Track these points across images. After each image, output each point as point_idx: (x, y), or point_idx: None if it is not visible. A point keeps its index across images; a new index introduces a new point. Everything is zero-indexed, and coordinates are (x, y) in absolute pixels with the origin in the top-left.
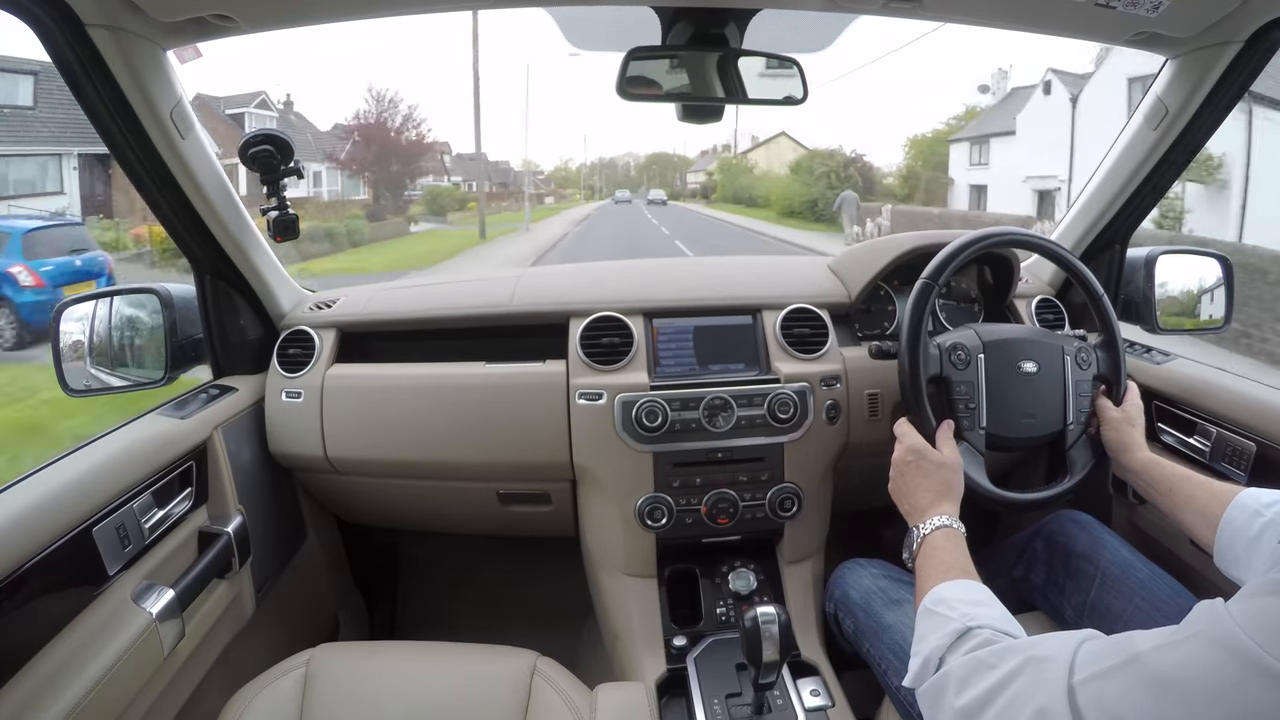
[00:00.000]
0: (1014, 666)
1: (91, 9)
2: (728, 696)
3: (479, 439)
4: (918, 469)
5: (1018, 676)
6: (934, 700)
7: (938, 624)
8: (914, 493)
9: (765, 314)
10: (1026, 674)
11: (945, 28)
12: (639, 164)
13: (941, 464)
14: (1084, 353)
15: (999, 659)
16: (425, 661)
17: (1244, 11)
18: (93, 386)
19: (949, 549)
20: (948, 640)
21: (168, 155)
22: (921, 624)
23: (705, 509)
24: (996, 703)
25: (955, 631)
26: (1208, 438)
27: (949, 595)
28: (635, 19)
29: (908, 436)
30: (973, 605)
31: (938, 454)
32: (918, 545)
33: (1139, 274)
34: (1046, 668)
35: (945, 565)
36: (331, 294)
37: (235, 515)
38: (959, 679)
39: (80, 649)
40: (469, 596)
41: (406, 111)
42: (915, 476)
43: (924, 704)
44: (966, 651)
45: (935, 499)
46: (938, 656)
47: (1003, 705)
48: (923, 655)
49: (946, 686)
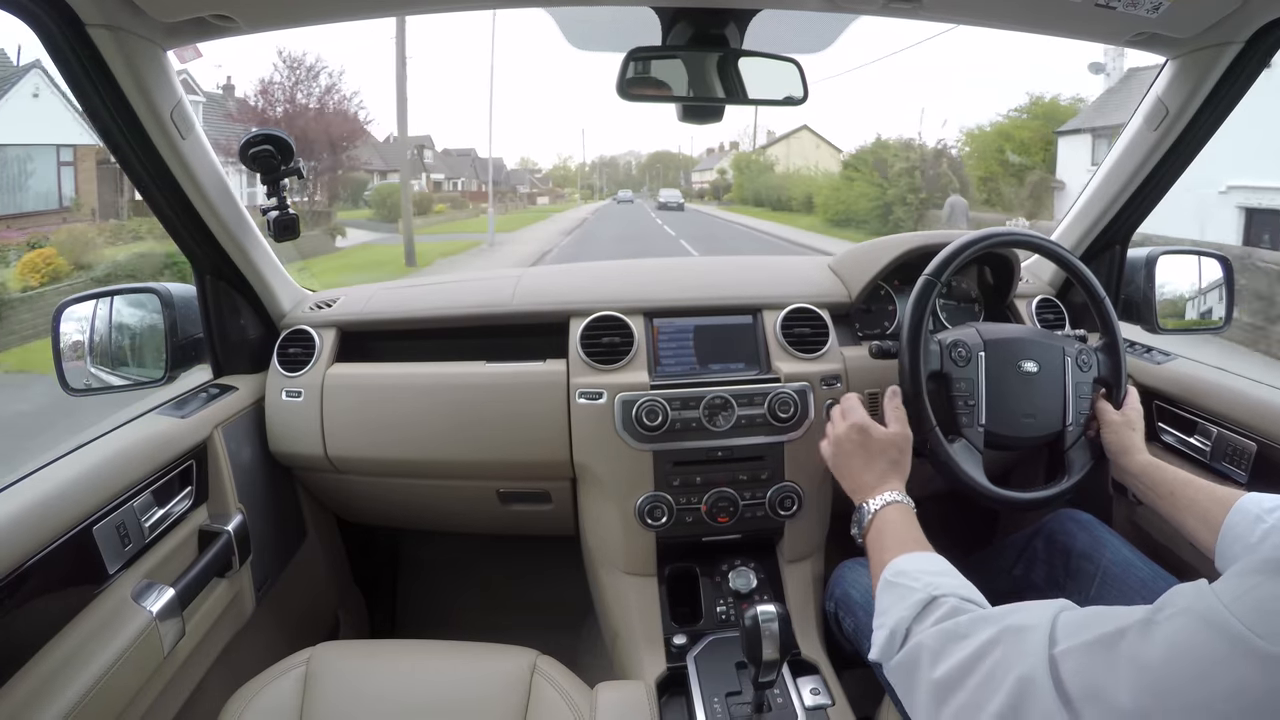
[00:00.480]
0: (990, 636)
1: (91, 9)
2: (728, 695)
3: (479, 438)
4: (863, 447)
5: (995, 646)
6: (907, 674)
7: (900, 595)
8: (860, 471)
9: (765, 313)
10: (1004, 643)
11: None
12: (641, 163)
13: (890, 441)
14: (1085, 355)
15: (972, 629)
16: (425, 660)
17: (1244, 12)
18: (93, 386)
19: (902, 523)
20: (913, 611)
21: (168, 155)
22: (883, 598)
23: (705, 508)
24: (975, 673)
25: (920, 602)
26: (1208, 437)
27: (908, 567)
28: (635, 19)
29: (853, 412)
30: (934, 575)
31: (884, 430)
32: (868, 522)
33: (1139, 274)
34: (1025, 637)
35: (900, 539)
36: (332, 293)
37: (235, 514)
38: (932, 651)
39: (80, 648)
40: (469, 595)
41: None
42: (860, 454)
43: (896, 678)
44: (934, 622)
45: (882, 476)
46: (904, 628)
47: (983, 675)
48: (888, 628)
49: (920, 659)
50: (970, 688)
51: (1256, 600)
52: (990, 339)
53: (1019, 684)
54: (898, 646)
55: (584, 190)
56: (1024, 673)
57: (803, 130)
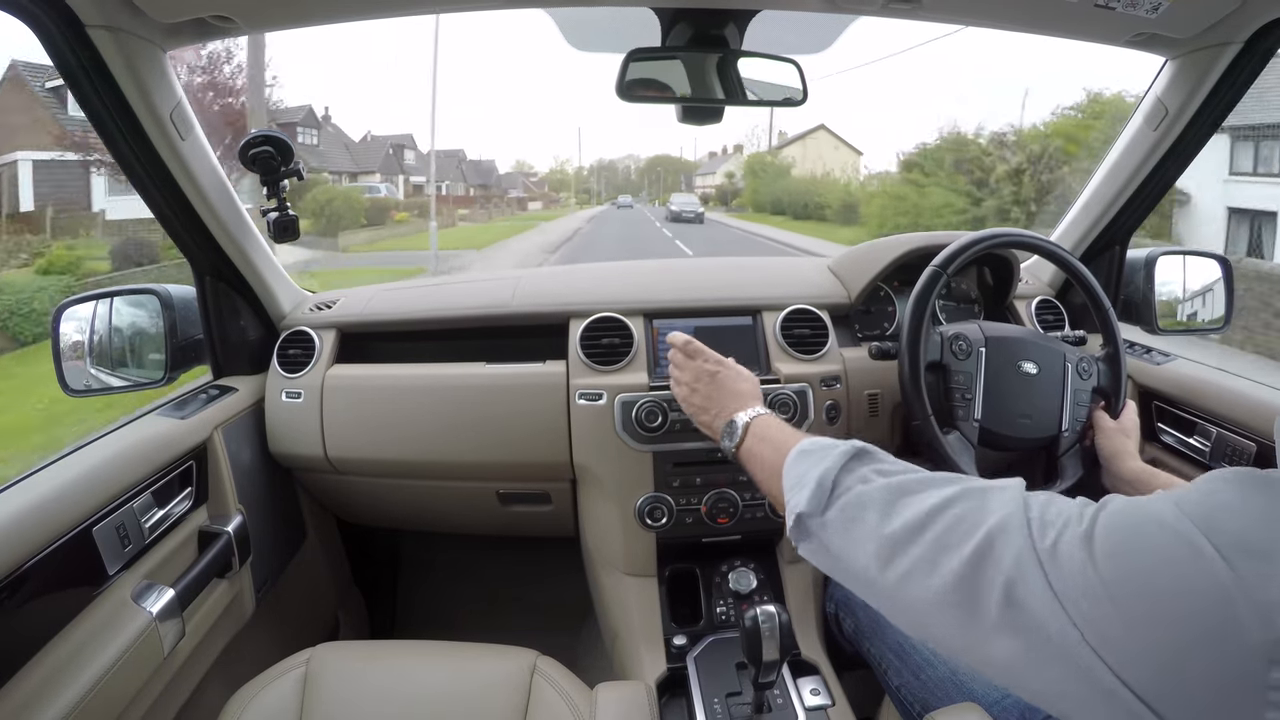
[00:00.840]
0: (953, 492)
1: (91, 10)
2: (728, 696)
3: (479, 439)
4: (723, 377)
5: (959, 501)
6: (847, 530)
7: (819, 456)
8: (719, 398)
9: (765, 315)
10: (969, 500)
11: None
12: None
13: (744, 372)
14: (1085, 363)
15: (924, 486)
16: (425, 661)
17: (1243, 12)
18: (93, 387)
19: (786, 427)
20: (839, 461)
21: (168, 156)
22: (797, 465)
23: (705, 508)
24: (937, 524)
25: (845, 453)
26: (1207, 438)
27: (824, 440)
28: (635, 20)
29: (707, 352)
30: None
31: (740, 366)
32: (742, 430)
33: (1139, 274)
34: (994, 495)
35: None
36: (332, 294)
37: (235, 515)
38: (882, 504)
39: (80, 649)
40: (469, 596)
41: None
42: (721, 384)
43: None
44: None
45: (744, 399)
46: (830, 478)
47: (945, 526)
48: (813, 481)
49: (864, 513)
50: (926, 542)
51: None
52: (991, 336)
53: (991, 533)
54: (826, 497)
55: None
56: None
57: (819, 130)
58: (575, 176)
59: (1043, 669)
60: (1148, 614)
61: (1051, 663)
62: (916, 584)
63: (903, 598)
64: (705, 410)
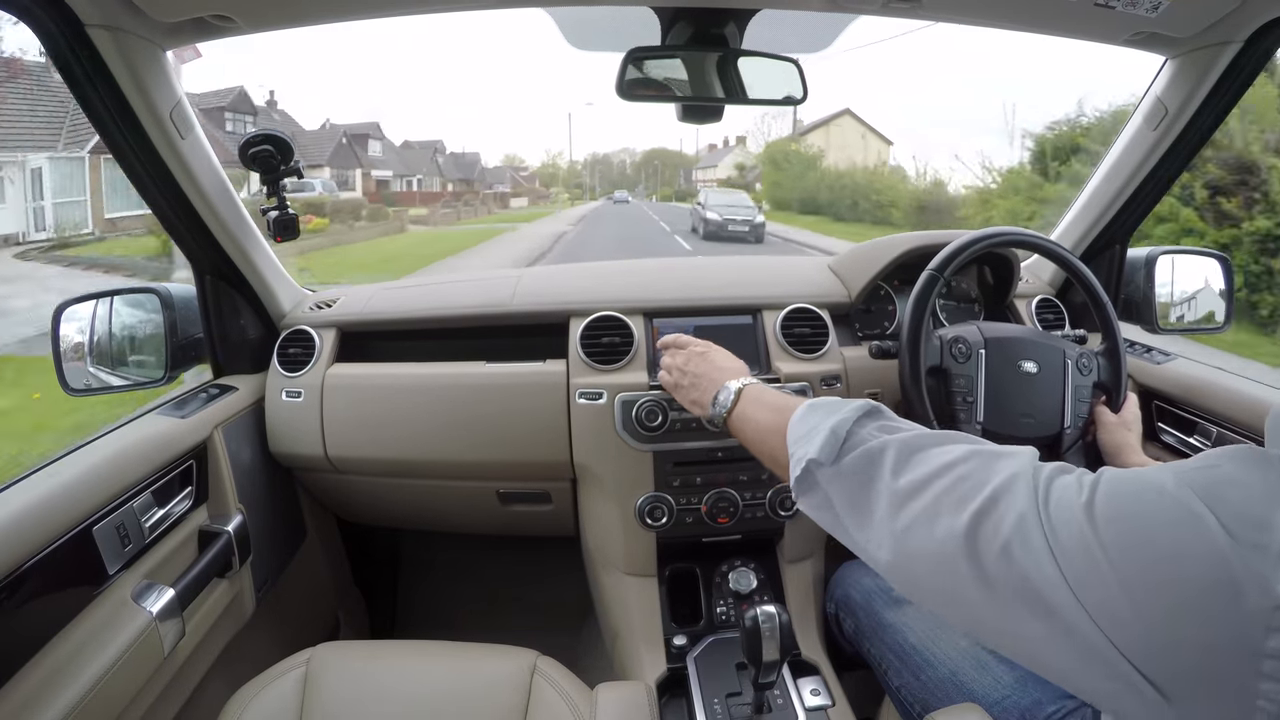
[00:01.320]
0: (964, 451)
1: (91, 9)
2: (728, 696)
3: (479, 438)
4: (709, 355)
5: (969, 460)
6: (862, 479)
7: (831, 409)
8: (708, 373)
9: (765, 314)
10: (979, 460)
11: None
12: (635, 161)
13: (728, 353)
14: (1085, 358)
15: (938, 442)
16: (425, 660)
17: (1243, 11)
18: (93, 386)
19: (779, 392)
20: (854, 414)
21: (167, 155)
22: (807, 419)
23: (705, 508)
24: (946, 479)
25: (859, 408)
26: (1208, 437)
27: (830, 398)
28: (635, 19)
29: (694, 341)
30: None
31: (723, 349)
32: (735, 395)
33: (1139, 274)
34: (1003, 459)
35: (792, 397)
36: (331, 294)
37: (235, 514)
38: (895, 460)
39: (80, 648)
40: (469, 596)
41: None
42: (706, 361)
43: (845, 483)
44: (880, 429)
45: (735, 373)
46: (845, 429)
47: (954, 479)
48: (827, 429)
49: (881, 464)
50: (937, 492)
51: (1212, 478)
52: (991, 337)
53: (997, 491)
54: (839, 447)
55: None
56: (1002, 482)
57: (844, 116)
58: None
59: (1033, 627)
60: (1144, 577)
61: (1042, 621)
62: (919, 535)
63: (904, 549)
64: (695, 387)
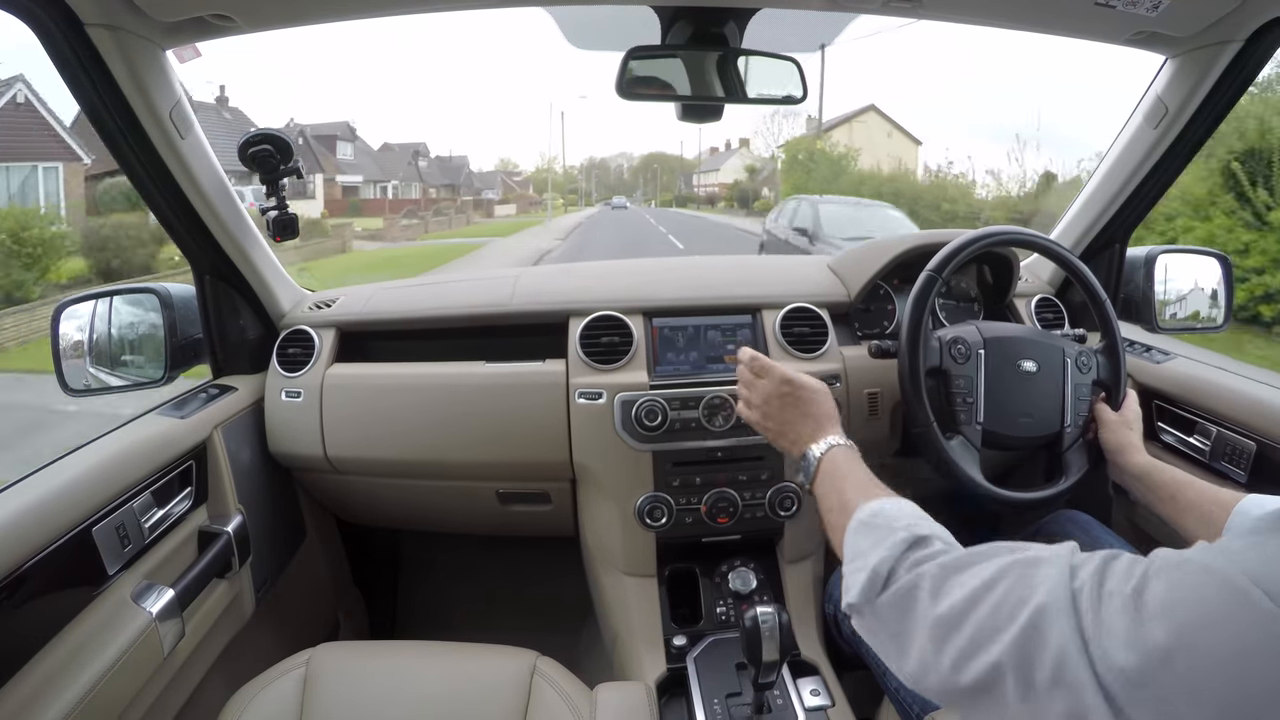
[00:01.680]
0: (999, 567)
1: (91, 9)
2: (728, 696)
3: (479, 438)
4: (795, 399)
5: (1005, 577)
6: (901, 613)
7: (880, 536)
8: (794, 423)
9: (765, 313)
10: (1015, 574)
11: None
12: (633, 165)
13: (816, 389)
14: (1084, 356)
15: (974, 561)
16: (425, 661)
17: (1244, 10)
18: (92, 386)
19: (854, 465)
20: (897, 550)
21: (167, 155)
22: (857, 540)
23: (705, 508)
24: (983, 605)
25: (904, 540)
26: (1208, 437)
27: (887, 508)
28: (635, 18)
29: (775, 370)
30: (915, 518)
31: (811, 380)
32: (815, 467)
33: (1139, 273)
34: (1040, 569)
35: (861, 482)
36: (331, 294)
37: (235, 515)
38: (933, 583)
39: (80, 649)
40: (469, 596)
41: None
42: (794, 406)
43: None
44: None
45: (819, 424)
46: (887, 568)
47: (991, 607)
48: (869, 569)
49: (917, 594)
50: (976, 621)
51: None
52: (990, 337)
53: (1035, 614)
54: (880, 587)
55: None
56: (1041, 602)
57: (869, 112)
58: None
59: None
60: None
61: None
62: (963, 670)
63: (950, 686)
64: (782, 435)
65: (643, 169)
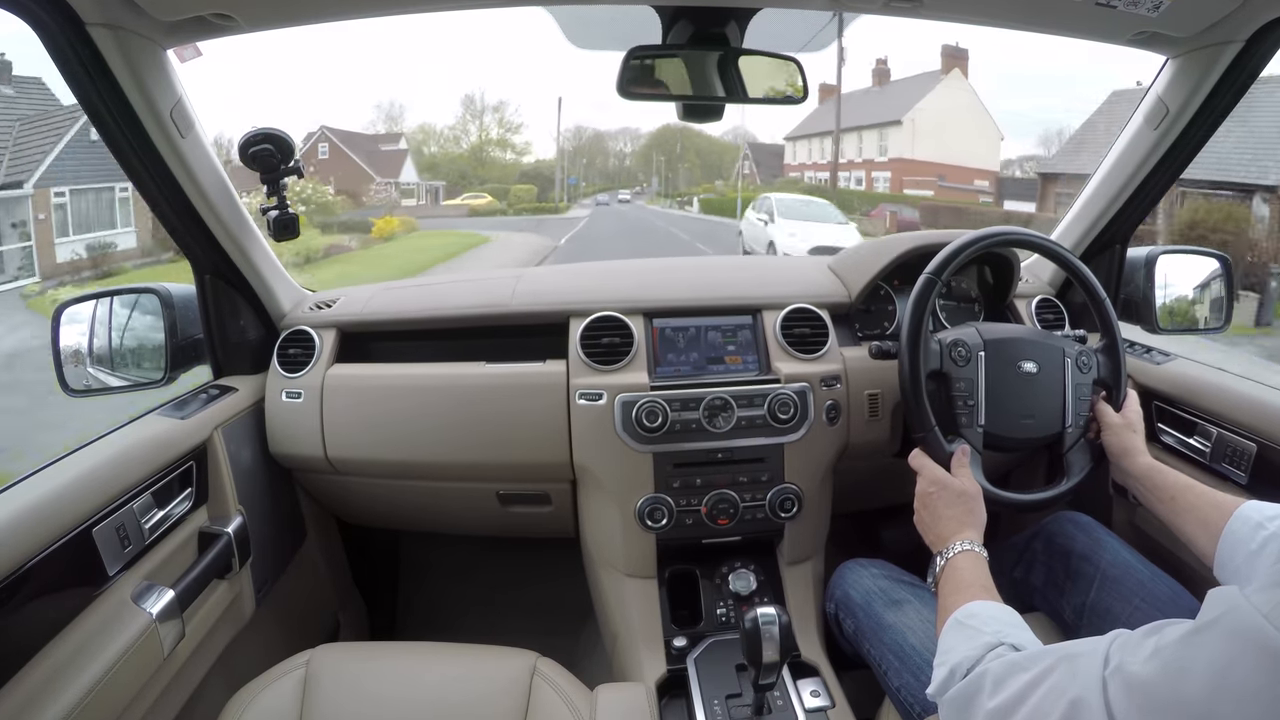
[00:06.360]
0: (1048, 665)
1: (92, 8)
2: (728, 697)
3: (479, 439)
4: (940, 499)
5: (1051, 673)
6: (964, 705)
7: (968, 636)
8: (937, 522)
9: (765, 314)
10: (1060, 670)
11: None
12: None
13: (962, 492)
14: (1084, 356)
15: (1033, 661)
16: (425, 662)
17: (1244, 11)
18: (92, 387)
19: (973, 570)
20: (979, 653)
21: (168, 155)
22: (950, 636)
23: (705, 509)
24: (1030, 699)
25: (988, 645)
26: (1208, 438)
27: (982, 611)
28: (635, 18)
29: (927, 469)
30: (1006, 625)
31: (958, 483)
32: (940, 569)
33: (1139, 274)
34: (1080, 662)
35: (969, 584)
36: (331, 294)
37: (235, 515)
38: (995, 679)
39: (80, 649)
40: (469, 597)
41: None
42: (938, 506)
43: (950, 710)
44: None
45: (958, 526)
46: (965, 669)
47: (1036, 701)
48: (949, 665)
49: (981, 689)
50: (1024, 714)
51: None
52: (990, 339)
53: (1071, 708)
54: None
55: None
56: (1078, 695)
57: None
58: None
59: None
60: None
61: None
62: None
63: None
64: (925, 532)
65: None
